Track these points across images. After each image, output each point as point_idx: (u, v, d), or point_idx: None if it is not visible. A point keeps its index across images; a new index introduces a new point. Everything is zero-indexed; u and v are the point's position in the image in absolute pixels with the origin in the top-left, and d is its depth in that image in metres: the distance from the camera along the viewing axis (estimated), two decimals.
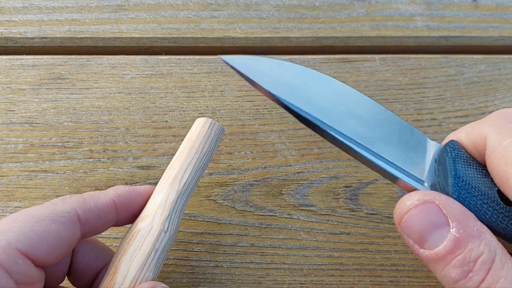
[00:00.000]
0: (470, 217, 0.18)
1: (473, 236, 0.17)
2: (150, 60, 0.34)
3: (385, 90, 0.34)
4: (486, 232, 0.18)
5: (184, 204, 0.25)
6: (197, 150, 0.25)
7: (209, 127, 0.26)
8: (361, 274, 0.29)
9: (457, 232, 0.17)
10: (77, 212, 0.21)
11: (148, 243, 0.22)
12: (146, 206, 0.24)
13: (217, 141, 0.26)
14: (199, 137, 0.25)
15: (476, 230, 0.17)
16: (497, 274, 0.17)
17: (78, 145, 0.31)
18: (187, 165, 0.25)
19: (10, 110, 0.32)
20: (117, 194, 0.23)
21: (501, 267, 0.17)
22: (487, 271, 0.17)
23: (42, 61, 0.34)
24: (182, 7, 0.36)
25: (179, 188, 0.24)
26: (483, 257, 0.17)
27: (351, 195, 0.31)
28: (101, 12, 0.35)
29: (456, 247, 0.17)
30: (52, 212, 0.20)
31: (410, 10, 0.36)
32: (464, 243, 0.17)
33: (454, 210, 0.18)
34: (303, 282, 0.28)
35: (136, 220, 0.24)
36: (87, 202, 0.22)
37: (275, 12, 0.36)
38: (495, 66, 0.35)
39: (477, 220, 0.18)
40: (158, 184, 0.25)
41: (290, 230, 0.30)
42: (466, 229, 0.17)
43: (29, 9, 0.35)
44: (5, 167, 0.31)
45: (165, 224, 0.23)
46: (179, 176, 0.24)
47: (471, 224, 0.18)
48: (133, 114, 0.32)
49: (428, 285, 0.29)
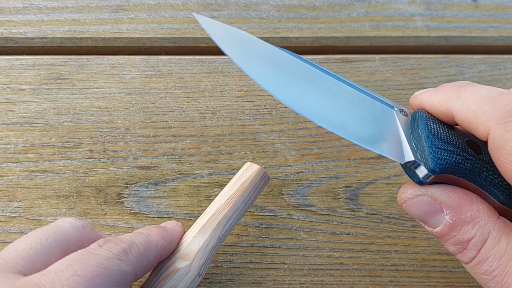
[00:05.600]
0: (466, 203, 0.20)
1: (466, 221, 0.20)
2: (150, 60, 0.34)
3: (385, 90, 0.34)
4: (482, 216, 0.20)
5: (219, 246, 0.26)
6: (245, 199, 0.26)
7: (261, 178, 0.27)
8: (361, 274, 0.29)
9: (450, 218, 0.20)
10: (136, 272, 0.21)
11: (183, 285, 0.23)
12: (186, 243, 0.25)
13: (262, 190, 0.27)
14: (250, 186, 0.26)
15: (470, 215, 0.20)
16: (487, 253, 0.19)
17: (78, 145, 0.31)
18: (232, 213, 0.26)
19: (10, 110, 0.32)
20: (163, 246, 0.24)
21: (491, 247, 0.19)
22: (478, 250, 0.20)
23: (42, 61, 0.34)
24: (182, 7, 0.36)
25: (221, 234, 0.25)
26: (475, 239, 0.20)
27: (351, 195, 0.31)
28: (101, 12, 0.35)
29: (450, 230, 0.20)
30: (118, 274, 0.20)
31: (410, 10, 0.36)
32: (458, 228, 0.20)
33: (448, 198, 0.20)
34: (303, 282, 0.28)
35: (174, 255, 0.25)
36: (143, 259, 0.22)
37: (275, 12, 0.36)
38: (495, 66, 0.35)
39: (476, 204, 0.20)
40: (200, 220, 0.26)
41: (290, 230, 0.30)
42: (459, 216, 0.20)
43: (29, 9, 0.35)
44: (5, 167, 0.31)
45: (202, 269, 0.24)
46: (223, 222, 0.25)
47: (465, 210, 0.20)
48: (133, 114, 0.32)
49: (428, 285, 0.29)
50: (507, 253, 0.19)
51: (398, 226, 0.30)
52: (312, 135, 0.32)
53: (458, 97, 0.20)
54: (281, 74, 0.21)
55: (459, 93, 0.20)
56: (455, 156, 0.20)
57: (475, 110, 0.19)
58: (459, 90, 0.21)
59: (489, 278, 0.19)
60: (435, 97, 0.21)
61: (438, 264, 0.29)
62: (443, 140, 0.21)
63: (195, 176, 0.31)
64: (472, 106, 0.19)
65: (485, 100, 0.19)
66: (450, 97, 0.21)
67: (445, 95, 0.21)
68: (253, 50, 0.21)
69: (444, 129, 0.21)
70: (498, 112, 0.18)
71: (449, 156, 0.20)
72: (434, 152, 0.20)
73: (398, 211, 0.30)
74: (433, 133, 0.21)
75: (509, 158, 0.18)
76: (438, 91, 0.22)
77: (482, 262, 0.19)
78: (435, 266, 0.29)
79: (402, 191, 0.22)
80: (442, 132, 0.21)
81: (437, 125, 0.21)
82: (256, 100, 0.33)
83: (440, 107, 0.21)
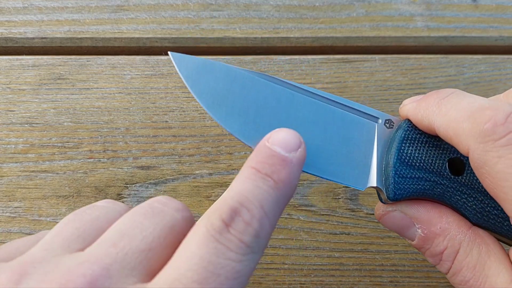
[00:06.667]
0: (435, 216, 0.21)
1: (437, 233, 0.20)
2: (150, 60, 0.34)
3: (385, 90, 0.34)
4: (452, 228, 0.20)
5: None
6: None
7: None
8: (361, 274, 0.29)
9: (422, 231, 0.21)
10: None
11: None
12: None
13: None
14: None
15: (440, 228, 0.20)
16: (460, 264, 0.20)
17: (78, 145, 0.31)
18: None
19: (10, 110, 0.32)
20: None
21: (464, 257, 0.20)
22: (451, 261, 0.20)
23: (42, 61, 0.34)
24: (182, 7, 0.36)
25: None
26: (447, 250, 0.20)
27: (351, 195, 0.31)
28: (101, 12, 0.35)
29: (424, 243, 0.21)
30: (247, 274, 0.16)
31: (410, 10, 0.36)
32: (430, 240, 0.21)
33: (417, 212, 0.21)
34: (303, 282, 0.28)
35: None
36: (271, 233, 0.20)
37: (275, 12, 0.36)
38: (495, 66, 0.35)
39: (446, 216, 0.21)
40: None
41: (290, 230, 0.30)
42: (429, 229, 0.21)
43: (29, 9, 0.35)
44: (5, 167, 0.31)
45: None
46: None
47: (434, 222, 0.21)
48: (133, 114, 0.32)
49: (428, 285, 0.29)
50: (479, 263, 0.19)
51: None
52: None
53: (439, 112, 0.20)
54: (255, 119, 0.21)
55: (440, 107, 0.20)
56: (423, 183, 0.20)
57: (455, 127, 0.18)
58: (440, 104, 0.20)
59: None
60: (418, 111, 0.21)
61: None
62: (414, 166, 0.21)
63: (195, 176, 0.31)
64: (451, 123, 0.19)
65: (464, 116, 0.18)
66: (431, 111, 0.20)
67: (427, 109, 0.20)
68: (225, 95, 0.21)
69: (423, 149, 0.21)
70: (476, 131, 0.17)
71: (414, 184, 0.20)
72: (396, 182, 0.20)
73: None
74: (403, 158, 0.21)
75: (490, 178, 0.17)
76: (421, 104, 0.21)
77: (457, 273, 0.20)
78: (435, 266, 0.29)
79: (377, 207, 0.22)
80: (417, 156, 0.21)
81: (416, 145, 0.21)
82: None
83: (423, 121, 0.21)
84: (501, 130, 0.17)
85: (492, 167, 0.17)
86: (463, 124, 0.18)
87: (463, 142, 0.18)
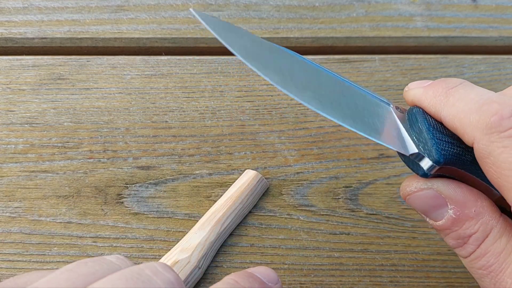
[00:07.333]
0: (471, 199, 0.20)
1: (470, 217, 0.20)
2: (150, 61, 0.34)
3: (385, 90, 0.34)
4: (486, 212, 0.20)
5: (220, 244, 0.28)
6: (242, 200, 0.29)
7: (257, 182, 0.29)
8: (361, 274, 0.29)
9: (454, 213, 0.20)
10: None
11: (182, 275, 0.25)
12: (187, 239, 0.27)
13: (260, 194, 0.30)
14: (247, 189, 0.29)
15: (474, 211, 0.20)
16: (486, 249, 0.20)
17: (78, 145, 0.31)
18: (230, 212, 0.28)
19: (10, 110, 0.32)
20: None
21: (492, 243, 0.19)
22: (478, 245, 0.20)
23: (42, 62, 0.34)
24: (182, 7, 0.36)
25: (219, 231, 0.28)
26: (476, 234, 0.20)
27: (351, 195, 0.31)
28: (101, 12, 0.35)
29: (453, 225, 0.20)
30: None
31: (410, 10, 0.36)
32: (461, 223, 0.20)
33: (454, 193, 0.20)
34: (303, 282, 0.28)
35: (175, 249, 0.26)
36: None
37: (275, 13, 0.36)
38: (495, 67, 0.35)
39: (481, 200, 0.20)
40: (201, 220, 0.29)
41: (290, 230, 0.30)
42: (463, 211, 0.20)
43: (29, 9, 0.35)
44: (5, 167, 0.31)
45: (201, 261, 0.26)
46: (222, 220, 0.28)
47: (469, 205, 0.20)
48: (133, 114, 0.32)
49: (428, 285, 0.29)
50: (505, 250, 0.19)
51: (398, 226, 0.30)
52: (312, 135, 0.32)
53: (446, 102, 0.20)
54: (295, 80, 0.21)
55: (447, 97, 0.20)
56: (456, 148, 0.20)
57: (462, 118, 0.19)
58: (448, 94, 0.20)
59: (485, 273, 0.20)
60: (425, 98, 0.21)
61: (438, 264, 0.29)
62: (443, 133, 0.21)
63: (195, 176, 0.31)
64: (459, 114, 0.20)
65: (472, 109, 0.19)
66: (439, 101, 0.21)
67: (434, 97, 0.21)
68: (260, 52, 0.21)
69: (441, 124, 0.21)
70: (483, 123, 0.18)
71: (451, 148, 0.20)
72: (437, 143, 0.20)
73: (398, 211, 0.30)
74: (433, 126, 0.21)
75: (494, 168, 0.18)
76: (428, 91, 0.21)
77: (480, 257, 0.20)
78: (435, 266, 0.29)
79: (407, 184, 0.22)
80: (440, 126, 0.21)
81: (434, 120, 0.21)
82: (256, 100, 0.33)
83: (429, 109, 0.21)
84: (506, 123, 0.18)
85: (497, 157, 0.18)
86: (471, 116, 0.19)
87: (469, 133, 0.19)
